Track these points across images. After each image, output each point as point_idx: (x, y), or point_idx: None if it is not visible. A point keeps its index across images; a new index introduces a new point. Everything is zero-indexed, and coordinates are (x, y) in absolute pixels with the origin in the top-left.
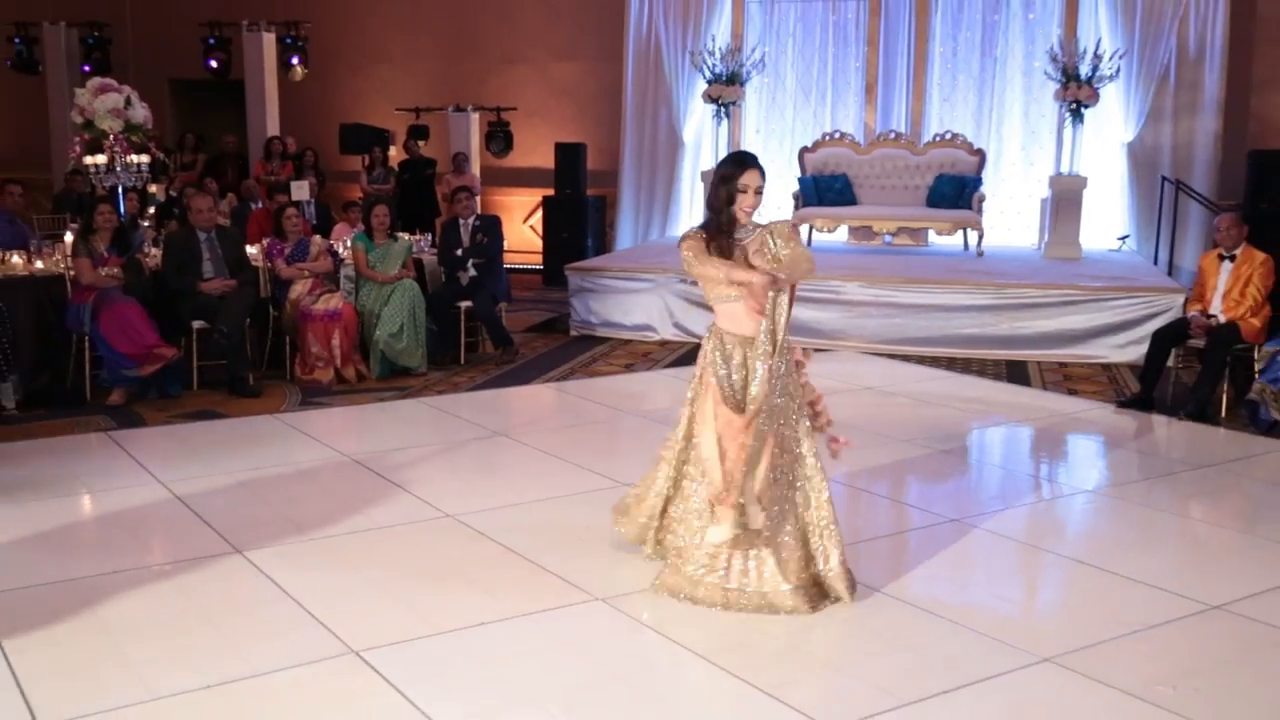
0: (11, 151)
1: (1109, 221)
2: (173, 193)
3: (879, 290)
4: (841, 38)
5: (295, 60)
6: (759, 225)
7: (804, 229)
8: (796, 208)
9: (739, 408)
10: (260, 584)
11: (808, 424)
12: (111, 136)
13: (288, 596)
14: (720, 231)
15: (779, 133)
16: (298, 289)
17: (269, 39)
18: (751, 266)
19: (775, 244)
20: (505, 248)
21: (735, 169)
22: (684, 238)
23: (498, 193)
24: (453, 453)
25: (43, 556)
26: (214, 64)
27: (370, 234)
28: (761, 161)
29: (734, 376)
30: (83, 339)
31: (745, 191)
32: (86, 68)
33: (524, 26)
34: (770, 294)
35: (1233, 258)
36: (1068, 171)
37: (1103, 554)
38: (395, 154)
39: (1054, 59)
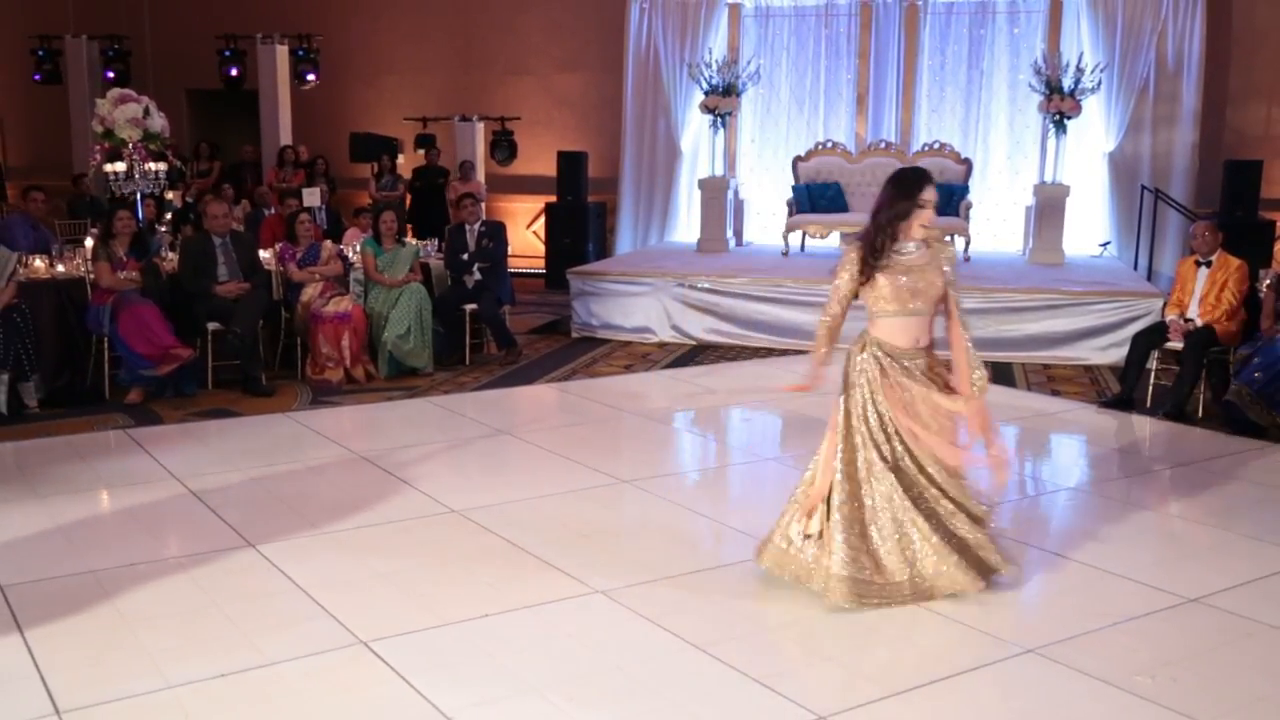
0: (34, 159)
1: (1091, 228)
2: (188, 199)
3: None
4: (833, 51)
5: (311, 75)
6: (922, 241)
7: (797, 235)
8: (790, 214)
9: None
10: (272, 576)
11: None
12: (131, 145)
13: (298, 588)
14: (879, 248)
15: (773, 142)
16: (309, 292)
17: (282, 51)
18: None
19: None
20: (509, 252)
21: (917, 184)
22: (845, 256)
23: (502, 199)
24: (458, 450)
25: (63, 549)
26: (234, 72)
27: (379, 239)
28: (757, 170)
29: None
30: (102, 340)
31: (925, 207)
32: (110, 74)
33: (527, 39)
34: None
35: (1209, 264)
36: (1051, 180)
37: (1084, 549)
38: (403, 162)
39: (1038, 72)
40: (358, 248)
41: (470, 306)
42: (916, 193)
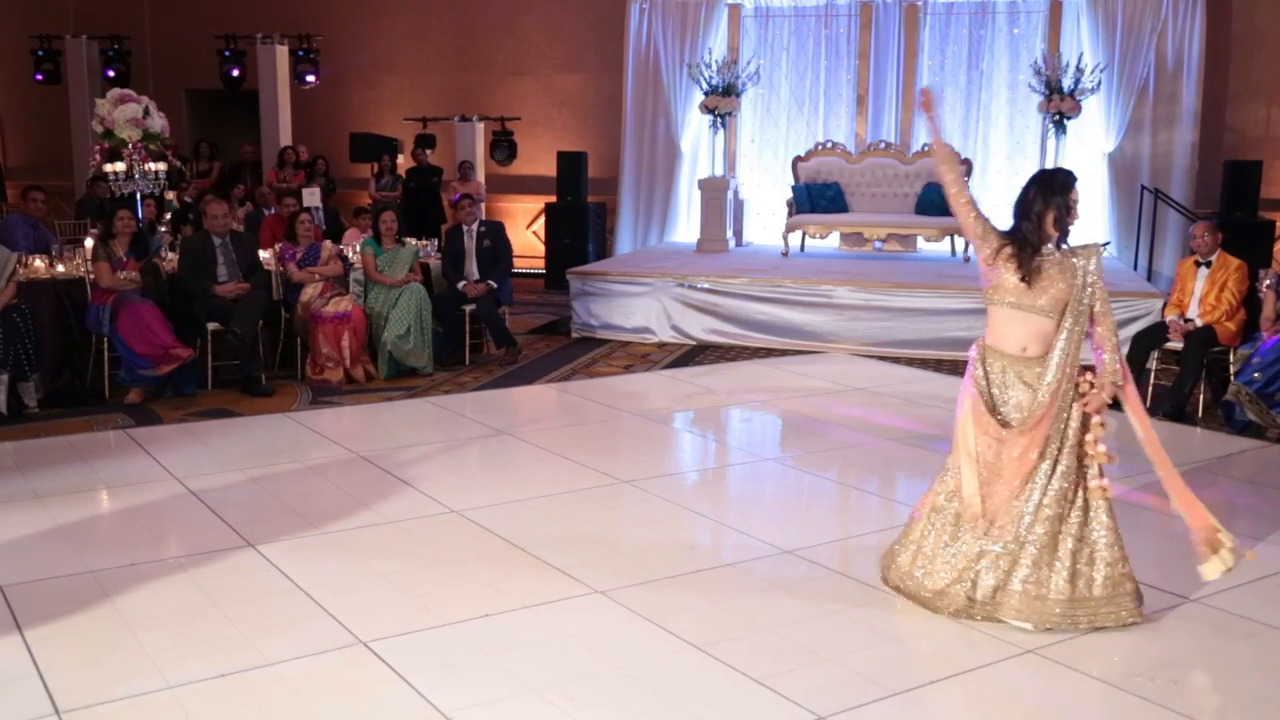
0: (34, 159)
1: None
2: (186, 199)
3: (869, 294)
4: (833, 51)
5: (311, 75)
6: (1062, 245)
7: (797, 235)
8: (790, 215)
9: (999, 420)
10: (272, 576)
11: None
12: (130, 145)
13: (298, 589)
14: (1028, 243)
15: (773, 142)
16: (308, 292)
17: (282, 51)
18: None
19: (1090, 284)
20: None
21: (1067, 184)
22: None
23: (502, 199)
24: (458, 450)
25: (63, 550)
26: (235, 73)
27: (379, 239)
28: (756, 170)
29: (993, 390)
30: (102, 340)
31: (1072, 209)
32: (110, 73)
33: (527, 40)
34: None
35: (1209, 264)
36: None
37: None
38: (403, 162)
39: (1038, 72)
40: (357, 248)
41: (470, 306)
42: (1069, 192)
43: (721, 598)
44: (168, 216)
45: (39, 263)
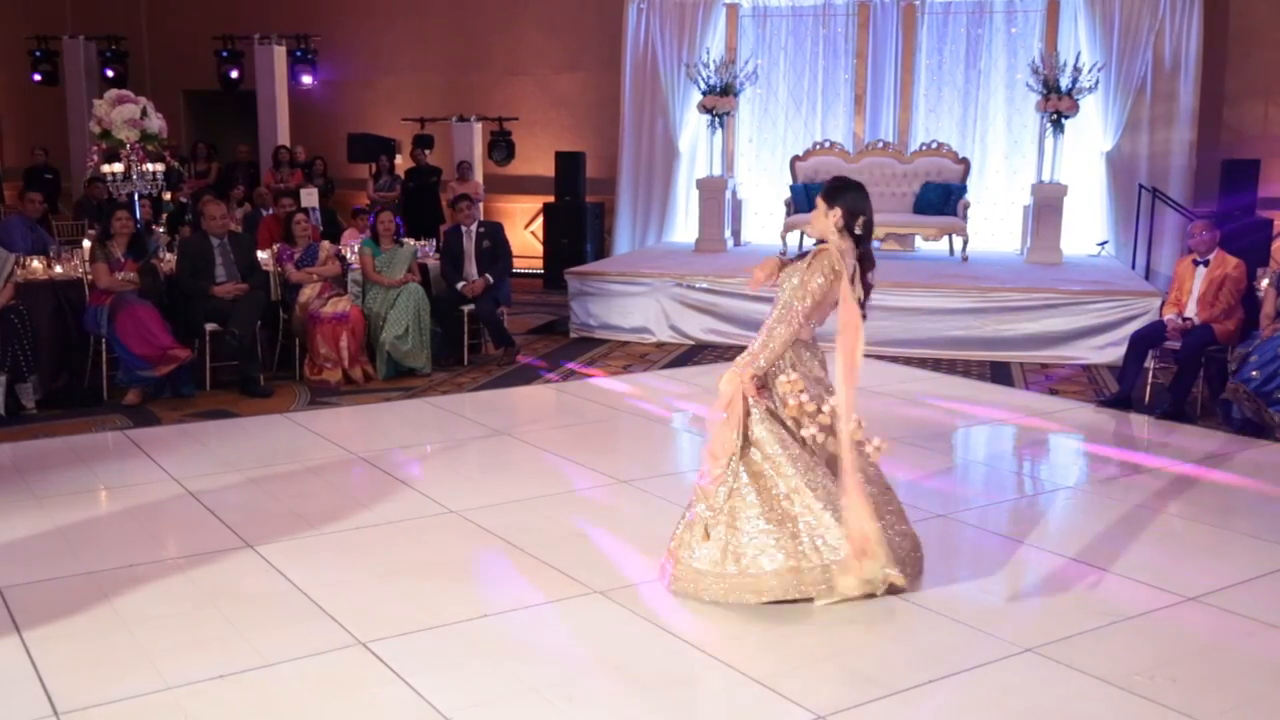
0: (32, 160)
1: (1088, 228)
2: (182, 199)
3: None
4: (831, 51)
5: (308, 76)
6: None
7: (795, 235)
8: (788, 214)
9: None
10: (270, 577)
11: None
12: (128, 146)
13: (297, 589)
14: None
15: (771, 142)
16: (307, 293)
17: (279, 51)
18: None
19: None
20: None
21: None
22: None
23: (500, 200)
24: (456, 451)
25: (61, 551)
26: (233, 74)
27: (377, 239)
28: (755, 170)
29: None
30: (100, 341)
31: None
32: (108, 73)
33: (525, 40)
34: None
35: (1206, 263)
36: (1049, 180)
37: (1082, 547)
38: (401, 162)
39: (1035, 71)
40: (355, 248)
41: (468, 307)
42: None
43: None
44: (164, 217)
45: (37, 264)
